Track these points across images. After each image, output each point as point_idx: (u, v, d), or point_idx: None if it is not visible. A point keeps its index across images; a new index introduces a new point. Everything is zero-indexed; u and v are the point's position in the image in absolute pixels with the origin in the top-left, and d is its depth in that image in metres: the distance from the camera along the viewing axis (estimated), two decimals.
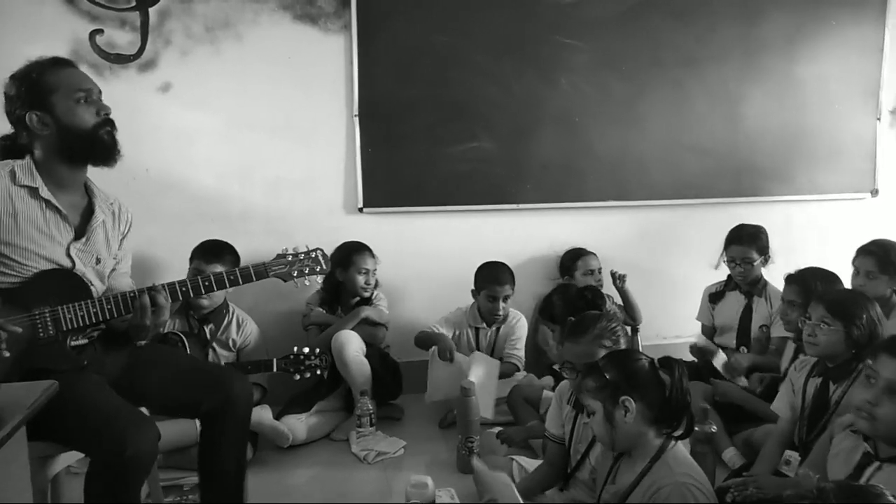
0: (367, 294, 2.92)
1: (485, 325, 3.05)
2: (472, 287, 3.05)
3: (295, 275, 1.84)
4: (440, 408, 2.87)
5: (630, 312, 3.23)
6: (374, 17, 3.01)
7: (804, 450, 1.97)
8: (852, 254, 2.66)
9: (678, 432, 1.58)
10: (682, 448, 1.60)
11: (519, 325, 3.07)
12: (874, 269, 2.50)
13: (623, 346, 1.88)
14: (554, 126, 3.26)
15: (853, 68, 3.47)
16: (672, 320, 3.46)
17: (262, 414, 2.57)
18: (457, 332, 3.04)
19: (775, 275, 2.79)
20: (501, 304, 2.95)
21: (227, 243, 2.70)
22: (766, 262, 2.91)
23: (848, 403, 1.84)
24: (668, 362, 1.61)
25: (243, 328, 2.70)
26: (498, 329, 3.05)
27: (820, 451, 1.68)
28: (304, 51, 2.99)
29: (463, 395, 2.36)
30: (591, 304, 2.45)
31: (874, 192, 3.59)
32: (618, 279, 3.18)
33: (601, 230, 3.38)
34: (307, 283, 1.87)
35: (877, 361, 1.43)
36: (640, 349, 3.31)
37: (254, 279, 1.79)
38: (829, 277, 2.37)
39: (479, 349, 3.00)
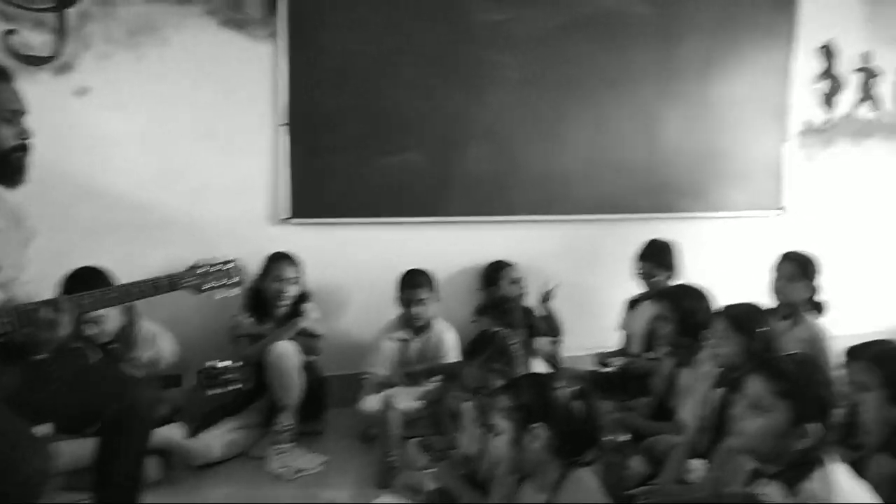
0: (284, 303, 2.88)
1: (411, 335, 3.05)
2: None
3: (207, 287, 1.79)
4: (362, 422, 2.87)
5: (552, 325, 3.31)
6: (305, 26, 3.00)
7: (708, 459, 2.07)
8: (760, 267, 2.85)
9: (584, 460, 1.59)
10: (585, 473, 1.60)
11: (446, 336, 3.08)
12: (794, 274, 2.73)
13: (519, 370, 1.89)
14: (482, 140, 3.32)
15: (763, 92, 3.68)
16: (593, 332, 3.56)
17: (173, 432, 2.49)
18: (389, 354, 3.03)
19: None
20: (419, 309, 2.97)
21: (98, 270, 2.46)
22: (670, 276, 3.05)
23: None
24: (584, 392, 1.63)
25: (154, 343, 2.60)
26: (425, 340, 3.07)
27: (719, 461, 1.76)
28: (231, 57, 2.94)
29: (384, 409, 2.36)
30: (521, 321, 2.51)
31: (781, 210, 3.80)
32: (544, 297, 3.25)
33: (526, 243, 3.45)
34: (217, 296, 1.82)
35: (747, 379, 1.51)
36: (561, 360, 3.42)
37: (163, 291, 1.74)
38: (698, 294, 2.50)
39: (404, 363, 3.00)
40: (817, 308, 2.80)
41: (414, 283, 3.01)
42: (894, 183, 4.00)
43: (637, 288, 3.25)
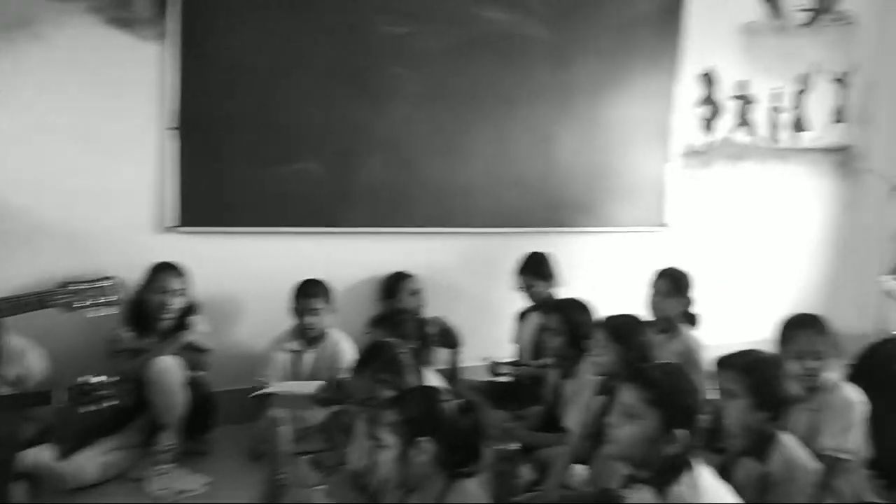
0: (168, 316, 2.75)
1: (304, 346, 2.99)
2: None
3: (80, 306, 1.68)
4: (251, 438, 2.78)
5: (450, 336, 3.35)
6: (198, 28, 2.89)
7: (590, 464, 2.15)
8: (646, 280, 2.99)
9: (470, 471, 1.61)
10: (471, 484, 1.61)
11: (342, 347, 3.03)
12: (669, 290, 2.88)
13: (409, 381, 1.88)
14: (382, 152, 3.32)
15: (648, 115, 3.89)
16: (491, 342, 3.61)
17: (42, 453, 2.32)
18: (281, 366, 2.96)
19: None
20: (313, 319, 2.91)
21: None
22: (549, 286, 3.16)
23: None
24: (470, 405, 1.65)
25: (22, 359, 2.40)
26: (319, 351, 3.01)
27: (598, 467, 1.83)
28: (116, 57, 2.79)
29: (272, 426, 2.30)
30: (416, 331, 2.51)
31: (664, 226, 4.03)
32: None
33: (425, 255, 3.48)
34: (90, 315, 1.71)
35: (621, 387, 1.58)
36: (459, 371, 3.46)
37: (31, 309, 1.62)
38: (583, 307, 2.62)
39: (297, 375, 2.93)
40: (691, 321, 2.98)
41: (308, 292, 2.96)
42: (766, 203, 4.32)
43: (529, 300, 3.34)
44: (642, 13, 3.76)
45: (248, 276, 3.17)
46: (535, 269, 3.27)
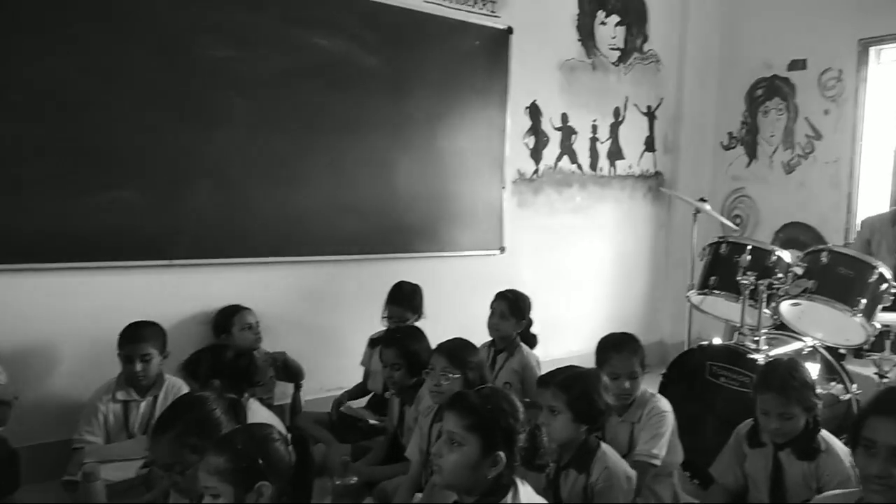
0: None
1: (136, 395, 2.74)
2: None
3: None
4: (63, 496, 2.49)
5: (292, 370, 3.24)
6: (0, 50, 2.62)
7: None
8: (487, 302, 3.08)
9: None
10: None
11: (180, 394, 2.82)
12: (506, 311, 2.98)
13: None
14: (211, 179, 3.16)
15: (483, 144, 4.06)
16: (335, 372, 3.55)
17: None
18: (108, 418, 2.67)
19: (421, 322, 3.08)
20: (144, 365, 2.68)
21: None
22: (418, 318, 3.19)
23: None
24: (300, 440, 1.60)
25: None
26: (154, 400, 2.76)
27: (428, 495, 1.84)
28: None
29: (84, 481, 2.07)
30: (244, 373, 2.37)
31: (502, 250, 4.20)
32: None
33: (261, 286, 3.35)
34: None
35: (443, 416, 1.60)
36: (303, 404, 3.36)
37: None
38: (418, 335, 2.65)
39: (129, 428, 2.67)
40: (529, 340, 3.12)
41: (136, 336, 2.68)
42: (591, 226, 4.65)
43: (378, 326, 3.31)
44: (471, 49, 3.93)
45: (59, 317, 2.88)
46: (407, 300, 3.22)
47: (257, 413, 2.17)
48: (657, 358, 4.74)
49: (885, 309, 2.80)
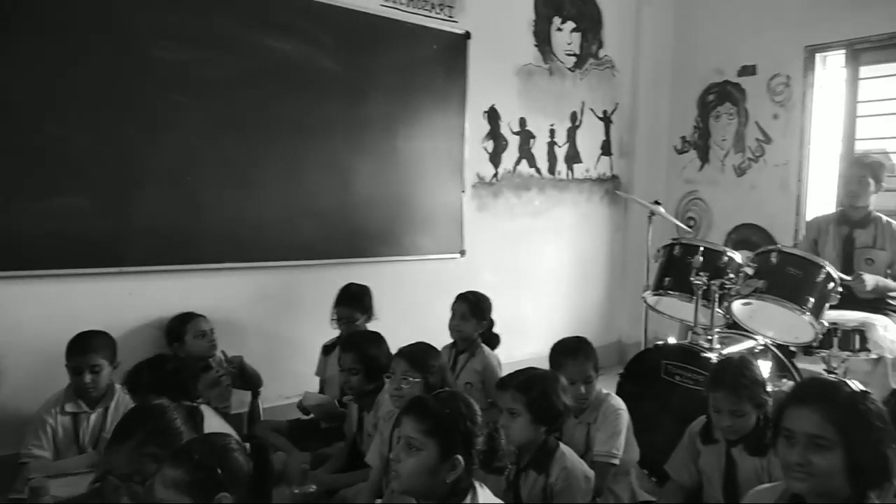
0: None
1: (85, 407, 2.65)
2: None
3: None
4: None
5: (249, 378, 3.18)
6: None
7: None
8: (448, 305, 3.08)
9: None
10: None
11: (133, 404, 2.72)
12: (467, 313, 3.00)
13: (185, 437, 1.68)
14: (163, 184, 3.09)
15: (442, 148, 4.06)
16: (294, 378, 3.50)
17: None
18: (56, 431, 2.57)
19: (383, 325, 3.04)
20: (93, 377, 2.59)
21: None
22: (368, 319, 3.16)
23: None
24: (258, 448, 1.57)
25: None
26: (105, 412, 2.67)
27: (388, 501, 1.83)
28: None
29: (31, 498, 1.99)
30: (183, 387, 2.31)
31: (462, 253, 4.20)
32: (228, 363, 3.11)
33: (216, 293, 3.29)
34: None
35: (401, 421, 1.60)
36: (262, 412, 3.30)
37: None
38: (376, 339, 2.65)
39: (79, 441, 2.57)
40: (491, 341, 3.13)
41: (85, 347, 2.59)
42: (550, 228, 4.70)
43: (332, 332, 3.28)
44: (430, 53, 3.93)
45: (3, 327, 2.78)
46: (355, 301, 3.19)
47: (209, 421, 2.11)
48: (615, 357, 4.82)
49: (832, 307, 2.89)
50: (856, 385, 1.47)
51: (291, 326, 3.56)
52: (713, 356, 2.78)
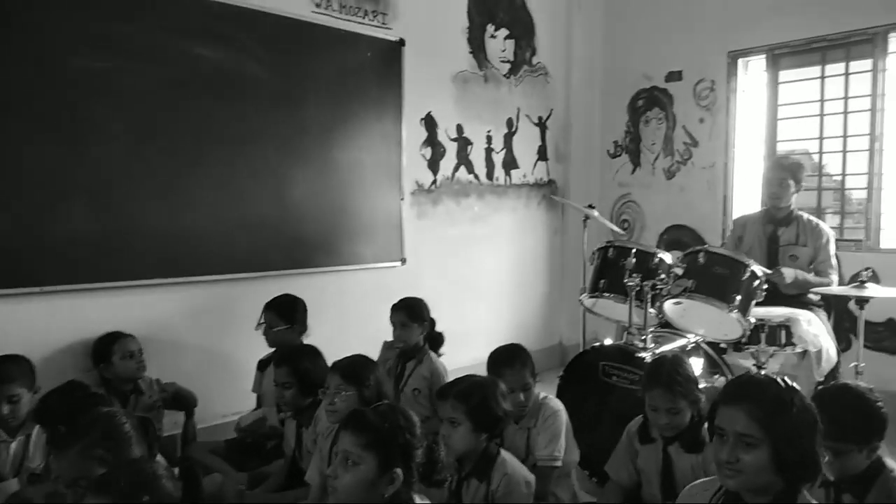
0: None
1: (5, 436, 2.49)
2: None
3: None
4: None
5: (183, 398, 3.07)
6: None
7: None
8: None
9: None
10: None
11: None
12: (406, 320, 3.00)
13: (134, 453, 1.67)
14: (84, 198, 2.95)
15: (379, 156, 4.02)
16: (232, 396, 3.40)
17: None
18: None
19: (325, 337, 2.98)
20: (8, 407, 2.43)
21: None
22: (298, 331, 3.10)
23: None
24: (188, 472, 1.53)
25: None
26: (27, 439, 2.51)
27: None
28: None
29: None
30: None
31: (403, 261, 4.18)
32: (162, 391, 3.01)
33: (146, 310, 3.15)
34: None
35: (339, 436, 1.57)
36: (197, 432, 3.19)
37: None
38: (310, 353, 2.61)
39: (2, 469, 2.42)
40: (436, 340, 3.12)
41: (2, 376, 2.44)
42: (490, 234, 4.72)
43: (269, 348, 3.20)
44: (364, 60, 3.90)
45: None
46: (286, 314, 3.12)
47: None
48: (557, 360, 4.88)
49: (758, 304, 3.00)
50: (785, 381, 1.50)
51: (227, 343, 3.45)
52: (647, 356, 2.84)
